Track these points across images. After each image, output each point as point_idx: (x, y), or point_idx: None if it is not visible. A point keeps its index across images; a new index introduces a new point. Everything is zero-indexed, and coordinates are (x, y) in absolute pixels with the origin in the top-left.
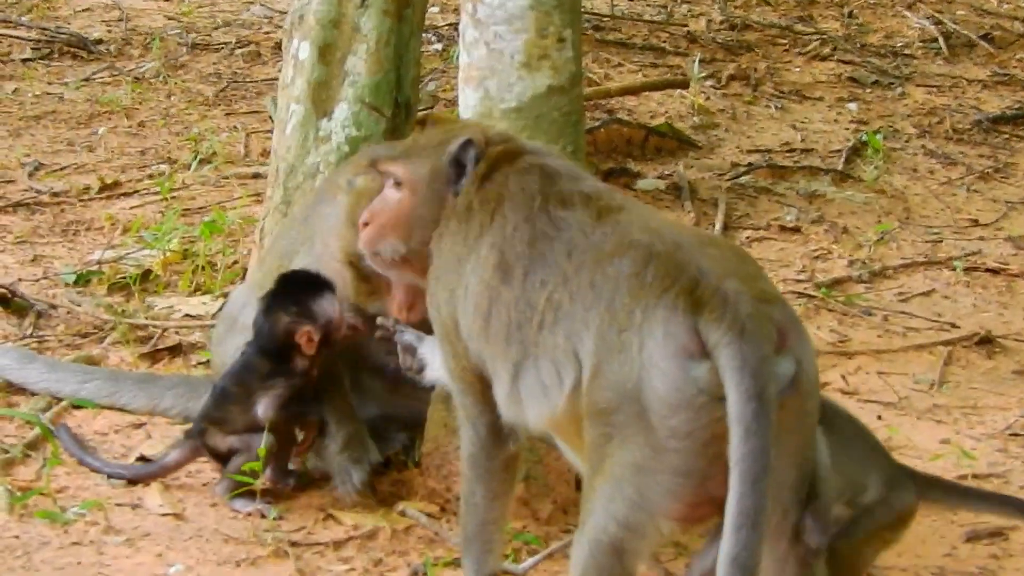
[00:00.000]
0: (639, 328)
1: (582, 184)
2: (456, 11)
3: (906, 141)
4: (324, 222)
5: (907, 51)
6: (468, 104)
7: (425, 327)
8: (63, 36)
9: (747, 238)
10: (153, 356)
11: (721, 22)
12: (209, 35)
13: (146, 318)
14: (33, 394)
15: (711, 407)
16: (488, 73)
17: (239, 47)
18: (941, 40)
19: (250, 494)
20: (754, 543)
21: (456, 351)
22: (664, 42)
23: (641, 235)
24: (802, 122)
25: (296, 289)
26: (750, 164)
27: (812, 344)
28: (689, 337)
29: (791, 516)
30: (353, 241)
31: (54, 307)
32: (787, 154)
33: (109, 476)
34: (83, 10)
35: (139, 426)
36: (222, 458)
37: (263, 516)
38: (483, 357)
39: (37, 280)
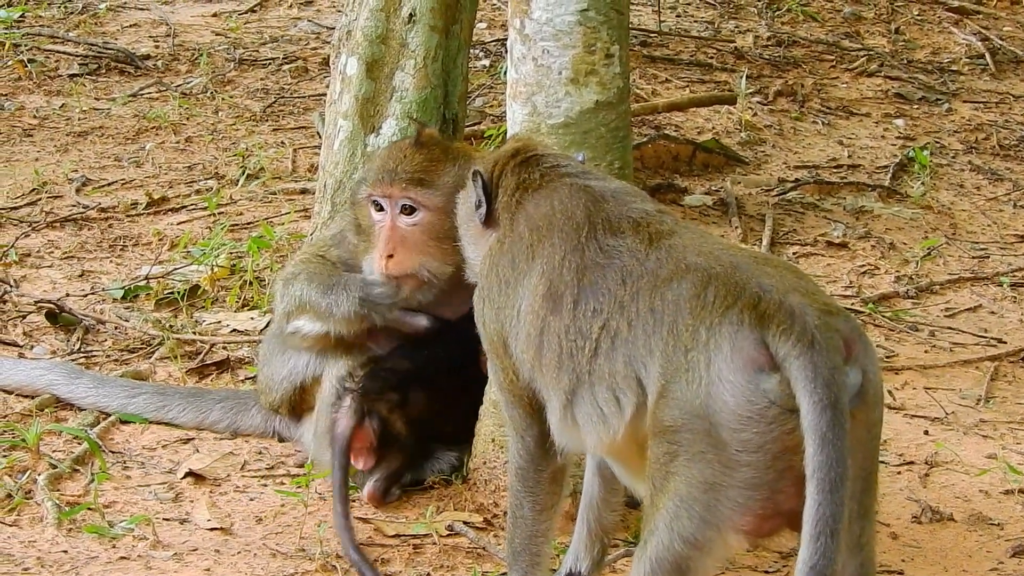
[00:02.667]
0: (705, 346)
1: (630, 208)
2: (503, 27)
3: (953, 157)
4: None
5: (954, 67)
6: (516, 120)
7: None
8: (110, 52)
9: (794, 254)
10: (201, 371)
11: (768, 38)
12: (256, 51)
13: (194, 333)
14: (81, 409)
15: (782, 419)
16: (536, 88)
17: (286, 63)
18: (988, 56)
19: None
20: (832, 551)
21: (504, 365)
22: (711, 58)
23: (697, 258)
24: (849, 138)
25: None
26: (797, 180)
27: (876, 354)
28: (757, 350)
29: (855, 528)
30: (354, 199)
31: (102, 322)
32: (834, 170)
33: None
34: (130, 26)
35: (187, 441)
36: (383, 440)
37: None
38: (535, 383)
39: (85, 295)
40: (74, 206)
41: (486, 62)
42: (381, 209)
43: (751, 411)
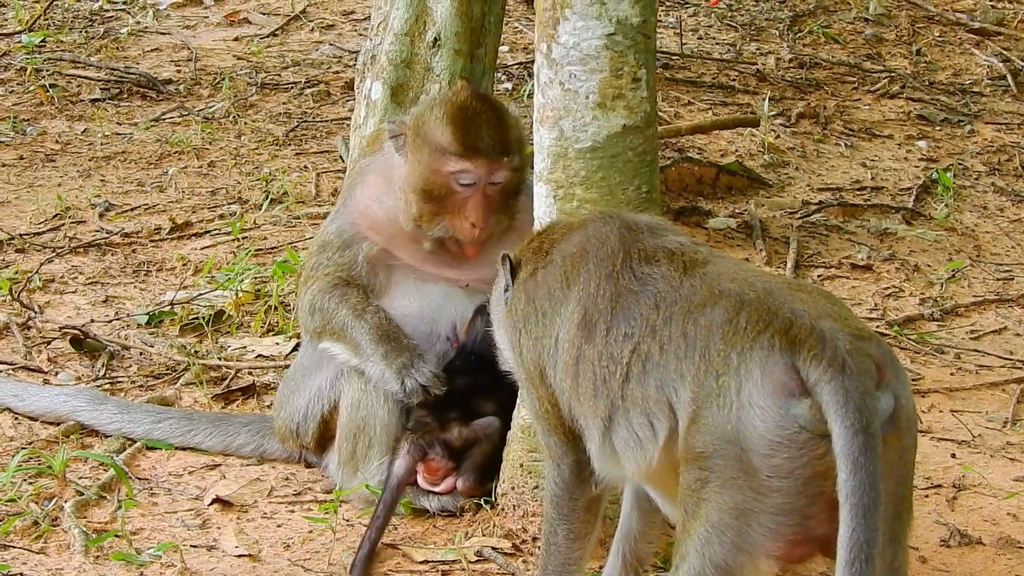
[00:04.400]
0: (736, 371)
1: (665, 239)
2: (525, 50)
3: (976, 179)
4: (376, 168)
5: (975, 88)
6: (543, 144)
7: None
8: (132, 76)
9: (819, 276)
10: (227, 397)
11: (790, 60)
12: (278, 75)
13: (219, 359)
14: (106, 435)
15: (812, 444)
16: (563, 113)
17: (308, 87)
18: (1009, 77)
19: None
20: None
21: (540, 395)
22: (733, 80)
23: (730, 284)
24: (872, 160)
25: None
26: (821, 202)
27: (908, 379)
28: (788, 375)
29: (887, 553)
30: (428, 169)
31: (127, 348)
32: (857, 192)
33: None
34: (152, 50)
35: (214, 467)
36: (454, 454)
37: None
38: (574, 411)
39: (109, 321)
40: (97, 231)
41: (508, 85)
42: (470, 185)
43: (781, 436)
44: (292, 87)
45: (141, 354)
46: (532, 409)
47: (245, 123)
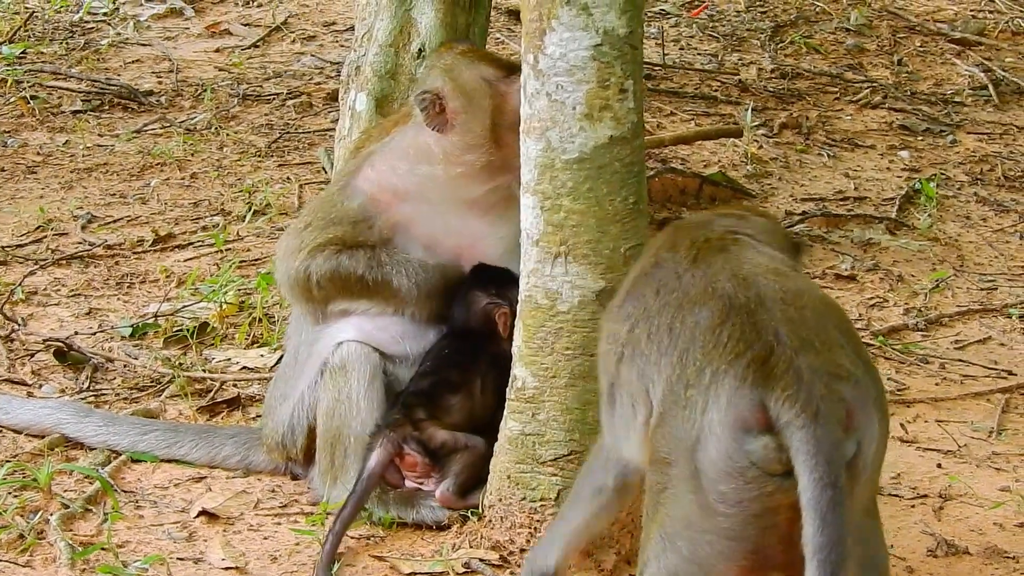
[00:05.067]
0: (706, 390)
1: (712, 226)
2: None
3: (958, 189)
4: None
5: (957, 99)
6: (530, 155)
7: None
8: (113, 88)
9: None
10: (212, 409)
11: (772, 71)
12: (260, 86)
13: (203, 371)
14: (91, 448)
15: (762, 481)
16: (550, 124)
17: (290, 98)
18: (991, 87)
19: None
20: None
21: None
22: (716, 91)
23: (727, 284)
24: (854, 170)
25: (489, 277)
26: (804, 213)
27: (879, 421)
28: (751, 411)
29: None
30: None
31: (111, 360)
32: (840, 202)
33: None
34: (133, 61)
35: (199, 479)
36: (433, 454)
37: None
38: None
39: (93, 333)
40: (80, 243)
41: None
42: None
43: (731, 468)
44: (274, 98)
45: (125, 366)
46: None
47: (227, 134)
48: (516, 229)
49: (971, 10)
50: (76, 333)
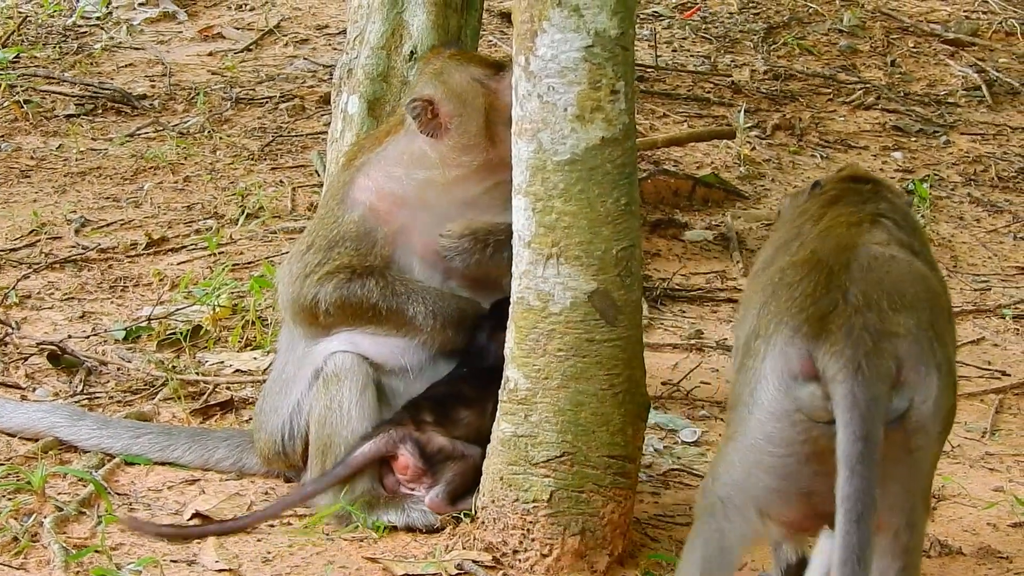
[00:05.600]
0: (767, 339)
1: (854, 208)
2: None
3: (952, 189)
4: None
5: (951, 99)
6: (521, 157)
7: None
8: (107, 92)
9: None
10: (205, 412)
11: (765, 72)
12: (253, 89)
13: (197, 374)
14: (85, 451)
15: (808, 426)
16: (541, 125)
17: (283, 101)
18: (984, 88)
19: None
20: None
21: None
22: (708, 93)
23: (823, 243)
24: None
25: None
26: None
27: (939, 380)
28: (799, 360)
29: (902, 537)
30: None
31: (104, 364)
32: None
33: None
34: (126, 65)
35: (192, 482)
36: (427, 459)
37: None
38: None
39: (86, 337)
40: (73, 247)
41: None
42: None
43: (777, 410)
44: (267, 102)
45: (119, 369)
46: None
47: (220, 138)
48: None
49: (964, 11)
50: (70, 337)
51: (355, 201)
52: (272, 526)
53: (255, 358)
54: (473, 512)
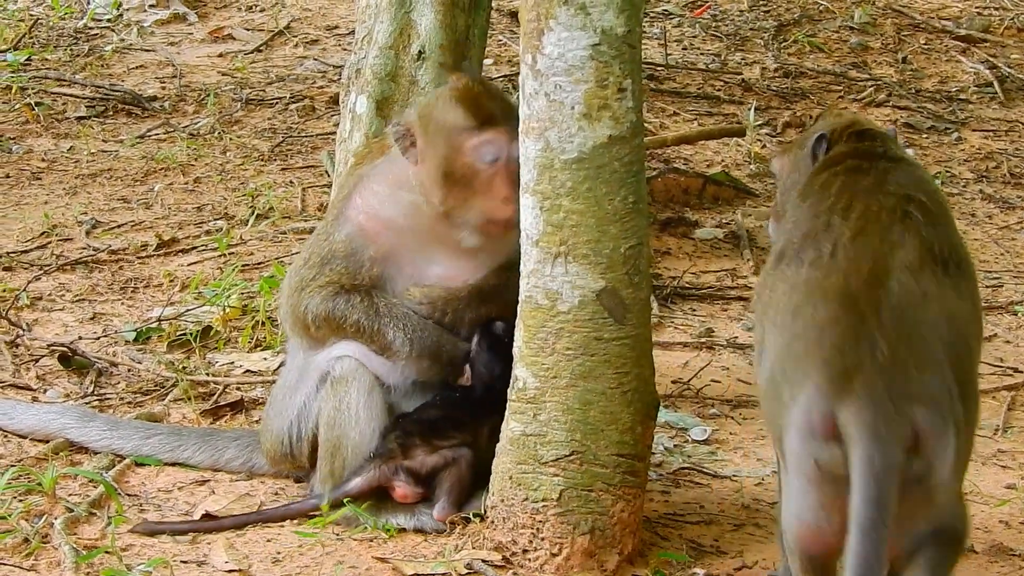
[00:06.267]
0: (792, 387)
1: (885, 192)
2: (510, 62)
3: (964, 186)
4: (378, 174)
5: (962, 96)
6: (528, 155)
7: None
8: (117, 94)
9: None
10: (215, 412)
11: (775, 70)
12: (263, 90)
13: (207, 374)
14: (95, 452)
15: (829, 479)
16: (548, 124)
17: (293, 102)
18: (996, 84)
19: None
20: None
21: None
22: (719, 90)
23: (858, 283)
24: None
25: (496, 338)
26: None
27: (959, 439)
28: (821, 419)
29: (912, 551)
30: (449, 154)
31: (115, 365)
32: None
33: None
34: (137, 67)
35: (203, 483)
36: (421, 480)
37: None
38: None
39: (97, 338)
40: (84, 249)
41: None
42: (495, 161)
43: (800, 462)
44: (277, 102)
45: (129, 371)
46: None
47: (230, 139)
48: (504, 261)
49: (976, 7)
50: (80, 338)
51: (347, 219)
52: (282, 526)
53: (265, 359)
54: (482, 511)
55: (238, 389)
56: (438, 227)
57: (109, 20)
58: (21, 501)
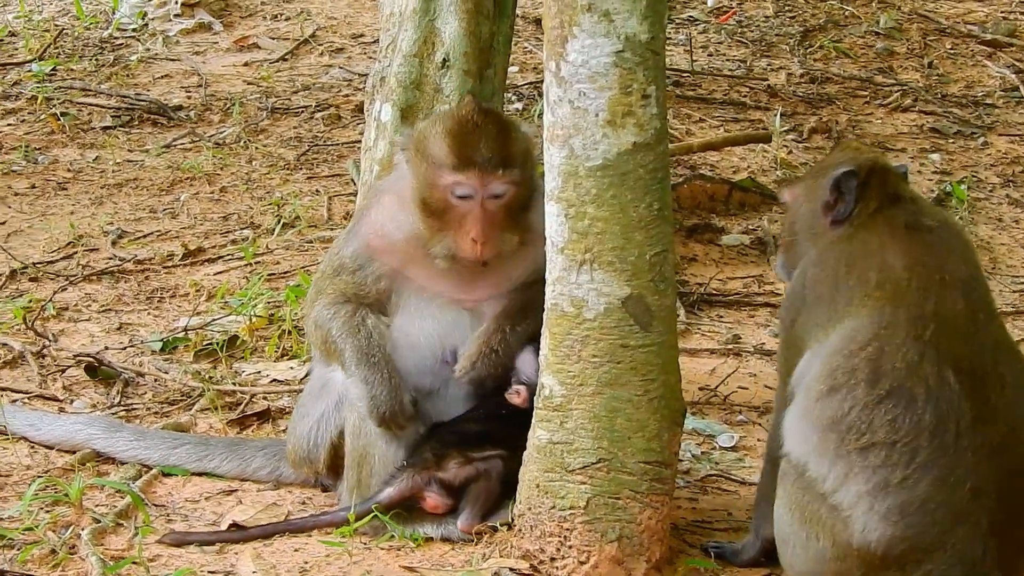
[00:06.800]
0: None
1: (926, 253)
2: (535, 70)
3: (990, 191)
4: (390, 187)
5: (988, 100)
6: (553, 163)
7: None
8: (143, 103)
9: None
10: (242, 422)
11: (801, 75)
12: (289, 99)
13: (234, 384)
14: (122, 463)
15: None
16: (573, 131)
17: (319, 110)
18: (1022, 88)
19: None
20: None
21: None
22: (745, 96)
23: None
24: None
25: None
26: None
27: None
28: None
29: None
30: (426, 183)
31: (141, 375)
32: None
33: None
34: (162, 77)
35: (230, 492)
36: (452, 492)
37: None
38: None
39: (123, 348)
40: (110, 259)
41: (519, 105)
42: (467, 198)
43: None
44: (302, 111)
45: (156, 381)
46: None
47: (256, 148)
48: (514, 276)
49: (1002, 12)
50: (107, 348)
51: (357, 235)
52: (309, 535)
53: (291, 368)
54: (510, 520)
55: (265, 398)
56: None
57: (134, 30)
58: (48, 512)
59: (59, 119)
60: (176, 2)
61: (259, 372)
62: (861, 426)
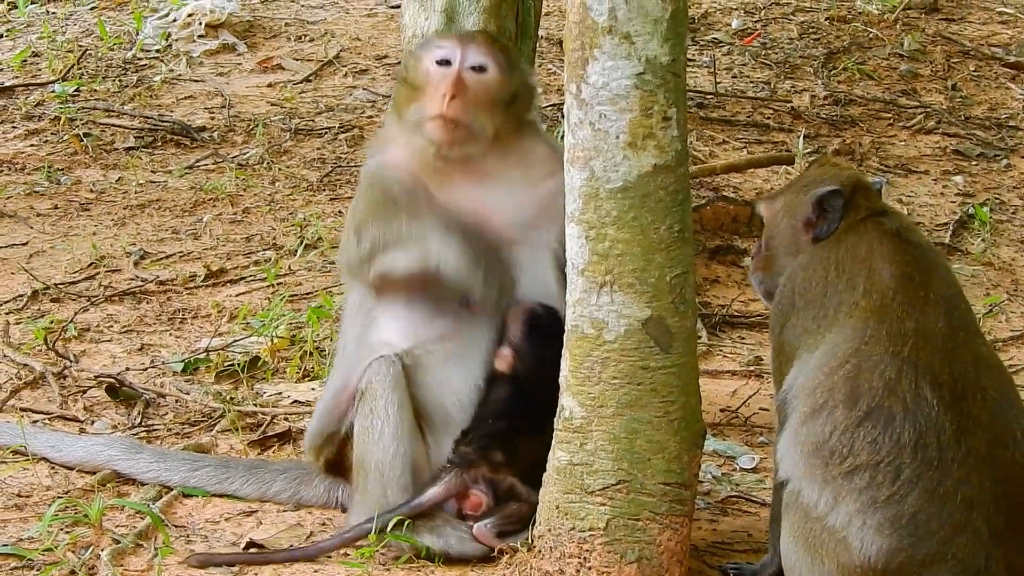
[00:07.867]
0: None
1: (955, 343)
2: (558, 91)
3: (1013, 213)
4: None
5: (1011, 123)
6: (574, 185)
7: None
8: (166, 124)
9: None
10: (263, 443)
11: (825, 97)
12: (312, 120)
13: (255, 405)
14: (142, 484)
15: None
16: (593, 153)
17: (342, 131)
18: None
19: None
20: None
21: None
22: (768, 118)
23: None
24: (908, 196)
25: (532, 327)
26: None
27: None
28: None
29: None
30: (410, 62)
31: (162, 396)
32: None
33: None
34: (185, 98)
35: (250, 513)
36: (499, 497)
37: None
38: None
39: (145, 369)
40: (132, 280)
41: (542, 127)
42: (446, 64)
43: None
44: (326, 132)
45: (177, 402)
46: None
47: (279, 169)
48: (534, 197)
49: None
50: (128, 369)
51: (372, 158)
52: (330, 556)
53: (313, 389)
54: (530, 541)
55: (286, 419)
56: (448, 164)
57: (158, 50)
58: (68, 533)
59: (82, 140)
60: (200, 23)
61: (280, 393)
62: (843, 450)
